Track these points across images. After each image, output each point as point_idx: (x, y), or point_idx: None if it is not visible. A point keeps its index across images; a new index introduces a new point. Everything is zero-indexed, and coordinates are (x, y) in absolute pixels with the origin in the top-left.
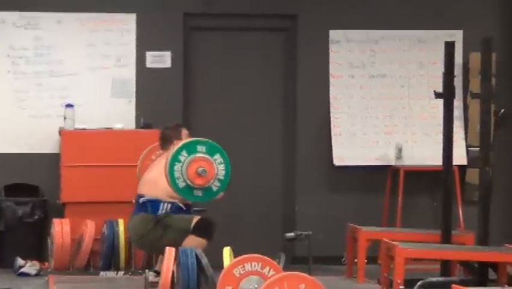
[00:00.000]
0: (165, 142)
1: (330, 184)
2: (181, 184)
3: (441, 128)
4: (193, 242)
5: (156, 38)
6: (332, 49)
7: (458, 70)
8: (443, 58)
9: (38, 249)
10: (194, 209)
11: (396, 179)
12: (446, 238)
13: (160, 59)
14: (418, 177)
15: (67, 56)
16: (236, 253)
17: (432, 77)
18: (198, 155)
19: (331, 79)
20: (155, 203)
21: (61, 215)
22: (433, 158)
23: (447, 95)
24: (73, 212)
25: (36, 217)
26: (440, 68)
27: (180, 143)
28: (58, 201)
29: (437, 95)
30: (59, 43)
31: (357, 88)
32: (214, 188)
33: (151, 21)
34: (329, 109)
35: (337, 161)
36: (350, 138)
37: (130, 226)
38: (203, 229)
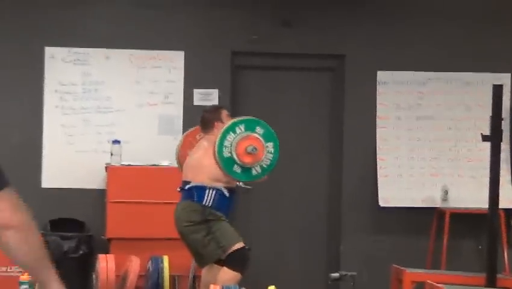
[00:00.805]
0: (205, 125)
1: (375, 225)
2: (226, 154)
3: (487, 171)
4: (228, 276)
5: (203, 76)
6: (380, 90)
7: (505, 113)
8: (490, 101)
9: (83, 285)
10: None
11: (442, 221)
12: (491, 281)
13: (207, 97)
14: (463, 219)
15: (114, 93)
16: None
17: (479, 119)
18: (255, 134)
19: (378, 120)
20: (200, 190)
21: (106, 251)
22: (479, 200)
23: (494, 138)
24: (118, 248)
25: (81, 252)
26: (487, 111)
27: (240, 118)
28: (103, 237)
29: (484, 138)
30: (107, 79)
31: (404, 129)
32: (254, 172)
33: (199, 59)
34: (375, 150)
35: (383, 202)
36: (396, 180)
37: (176, 213)
38: (238, 261)
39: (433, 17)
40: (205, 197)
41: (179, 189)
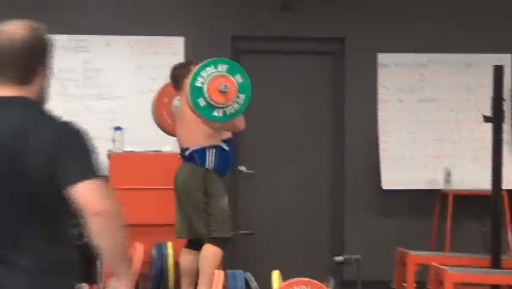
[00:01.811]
0: (176, 81)
1: (378, 208)
2: (198, 84)
3: (490, 152)
4: (211, 251)
5: (204, 60)
6: (381, 72)
7: (507, 94)
8: (492, 82)
9: (87, 272)
10: (241, 232)
11: (445, 203)
12: (495, 263)
13: None
14: (466, 201)
15: (115, 79)
16: (285, 276)
17: (480, 101)
18: (218, 73)
19: (379, 103)
20: (200, 153)
21: None
22: (482, 182)
23: (496, 119)
24: None
25: (85, 239)
26: (488, 92)
27: (198, 65)
28: None
29: (486, 119)
30: (108, 66)
31: (405, 112)
32: (215, 113)
33: (199, 44)
34: (377, 133)
35: (386, 185)
36: (398, 162)
37: (180, 176)
38: (221, 243)
39: None
40: (207, 159)
41: (179, 156)
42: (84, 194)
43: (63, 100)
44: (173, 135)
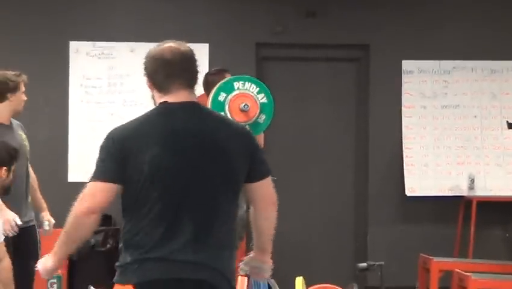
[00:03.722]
0: (208, 87)
1: (402, 214)
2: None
3: None
4: None
5: (228, 68)
6: (405, 79)
7: None
8: None
9: (110, 278)
10: None
11: (468, 210)
12: None
13: None
14: (490, 207)
15: (139, 86)
16: (308, 283)
17: (504, 107)
18: (237, 91)
19: (403, 110)
20: None
21: None
22: (506, 188)
23: None
24: None
25: (108, 245)
26: None
27: (220, 82)
28: None
29: (510, 125)
30: (132, 73)
31: (429, 118)
32: (261, 121)
33: (224, 51)
34: (401, 139)
35: (409, 192)
36: (422, 169)
37: None
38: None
39: (457, 5)
40: None
41: None
42: (269, 186)
43: (87, 107)
44: None
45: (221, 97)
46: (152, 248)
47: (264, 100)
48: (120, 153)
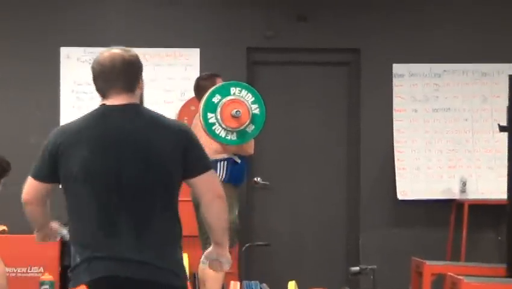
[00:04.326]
0: (200, 92)
1: (394, 218)
2: (214, 126)
3: (505, 162)
4: None
5: (219, 72)
6: (396, 82)
7: None
8: (507, 92)
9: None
10: (257, 243)
11: (460, 213)
12: (511, 272)
13: None
14: (482, 211)
15: None
16: (301, 287)
17: (496, 110)
18: (232, 97)
19: (394, 113)
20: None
21: None
22: (497, 191)
23: (511, 128)
24: None
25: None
26: (503, 101)
27: (209, 90)
28: None
29: (501, 128)
30: None
31: (420, 121)
32: (249, 130)
33: (214, 55)
34: (392, 143)
35: (401, 195)
36: (414, 172)
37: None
38: None
39: (448, 8)
40: (218, 171)
41: None
42: (210, 180)
43: (78, 113)
44: None
45: (216, 99)
46: (97, 247)
47: (257, 111)
48: (51, 154)
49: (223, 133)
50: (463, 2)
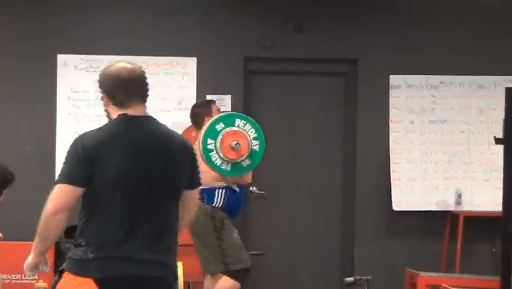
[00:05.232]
0: (196, 120)
1: (389, 229)
2: (213, 156)
3: (501, 174)
4: (228, 284)
5: (216, 81)
6: (392, 94)
7: None
8: (503, 104)
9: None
10: (251, 252)
11: (455, 225)
12: (505, 285)
13: (220, 103)
14: (477, 223)
15: None
16: None
17: (492, 123)
18: (235, 128)
19: (391, 124)
20: (209, 192)
21: None
22: (493, 204)
23: (507, 141)
24: None
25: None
26: (500, 114)
27: (213, 118)
28: None
29: (497, 141)
30: None
31: (417, 133)
32: (244, 164)
33: (211, 65)
34: (388, 154)
35: (396, 206)
36: (409, 183)
37: None
38: (239, 276)
39: (445, 20)
40: (215, 199)
41: None
42: (198, 194)
43: (75, 120)
44: None
45: (219, 126)
46: (114, 247)
47: (257, 147)
48: (86, 159)
49: (218, 162)
50: (460, 14)
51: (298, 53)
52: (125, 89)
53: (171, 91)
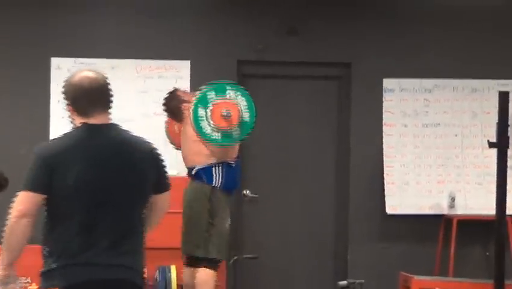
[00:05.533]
0: (175, 114)
1: (382, 233)
2: (205, 126)
3: (494, 178)
4: (207, 276)
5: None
6: (386, 97)
7: (511, 120)
8: (497, 108)
9: None
10: (245, 256)
11: (449, 229)
12: (499, 288)
13: None
14: (471, 226)
15: (120, 103)
16: None
17: (485, 126)
18: (222, 98)
19: (384, 128)
20: (207, 171)
21: None
22: (486, 207)
23: (500, 144)
24: None
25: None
26: (493, 117)
27: (203, 89)
28: None
29: (491, 144)
30: (114, 90)
31: (410, 137)
32: (235, 133)
33: (205, 68)
34: (382, 157)
35: (390, 210)
36: (403, 187)
37: (186, 196)
38: (214, 264)
39: (438, 24)
40: (214, 177)
41: (187, 175)
42: (168, 199)
43: (68, 124)
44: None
45: (210, 95)
46: (76, 254)
47: (247, 118)
48: (46, 167)
49: (208, 130)
50: (454, 18)
51: (292, 56)
52: (87, 99)
53: (165, 95)
